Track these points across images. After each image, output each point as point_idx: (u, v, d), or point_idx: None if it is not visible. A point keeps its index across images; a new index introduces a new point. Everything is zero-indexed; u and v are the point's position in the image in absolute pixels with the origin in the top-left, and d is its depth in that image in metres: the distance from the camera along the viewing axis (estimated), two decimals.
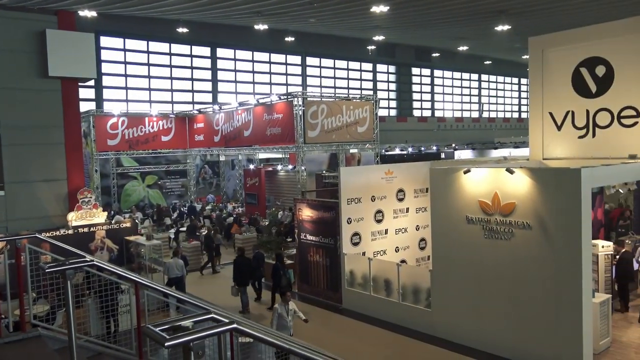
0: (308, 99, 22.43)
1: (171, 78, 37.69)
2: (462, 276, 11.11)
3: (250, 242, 19.79)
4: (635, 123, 12.24)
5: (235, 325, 2.81)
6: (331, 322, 13.35)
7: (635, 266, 12.63)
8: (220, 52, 39.78)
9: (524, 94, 63.55)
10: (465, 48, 42.94)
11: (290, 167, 25.80)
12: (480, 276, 10.79)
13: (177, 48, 37.66)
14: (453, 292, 11.35)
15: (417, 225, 15.81)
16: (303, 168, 22.31)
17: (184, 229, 21.77)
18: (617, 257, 12.80)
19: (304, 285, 15.57)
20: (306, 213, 15.31)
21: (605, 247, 12.64)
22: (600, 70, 12.76)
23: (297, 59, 43.97)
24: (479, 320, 10.82)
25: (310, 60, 44.78)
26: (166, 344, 2.52)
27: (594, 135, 12.99)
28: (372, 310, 13.25)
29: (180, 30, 32.99)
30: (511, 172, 10.06)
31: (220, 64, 39.89)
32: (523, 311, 10.07)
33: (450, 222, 11.29)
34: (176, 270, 14.08)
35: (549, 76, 13.78)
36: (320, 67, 45.67)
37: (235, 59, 40.63)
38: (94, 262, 4.92)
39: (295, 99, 21.76)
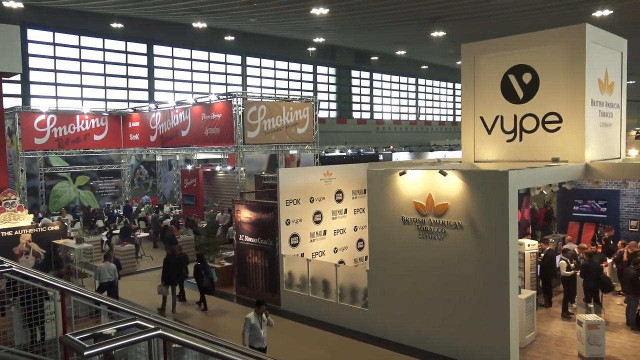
0: (248, 99, 22.24)
1: (104, 75, 36.30)
2: (398, 276, 11.36)
3: (186, 244, 19.40)
4: (558, 128, 12.96)
5: (160, 332, 2.72)
6: None
7: (557, 263, 13.33)
8: (157, 49, 38.72)
9: (458, 99, 65.85)
10: (403, 52, 43.97)
11: (229, 167, 25.48)
12: (415, 275, 11.07)
13: (111, 44, 36.30)
14: (389, 292, 11.57)
15: (355, 226, 16.03)
16: (242, 169, 22.09)
17: (118, 231, 21.01)
18: (542, 255, 13.50)
19: (242, 287, 15.41)
20: (245, 214, 15.16)
21: (530, 245, 13.30)
22: (527, 78, 13.41)
23: (237, 59, 43.50)
24: (414, 319, 11.10)
25: (250, 60, 44.41)
26: (85, 353, 2.40)
27: (521, 139, 13.63)
28: (310, 311, 13.30)
29: (115, 25, 31.81)
30: (444, 174, 10.39)
31: (157, 61, 38.81)
32: (455, 308, 10.42)
33: (386, 223, 11.51)
34: (108, 275, 13.57)
35: (480, 82, 14.34)
36: (260, 67, 45.39)
37: (172, 57, 39.67)
38: (13, 268, 4.64)
39: (235, 99, 21.52)
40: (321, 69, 50.52)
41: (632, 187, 16.09)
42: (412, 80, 60.49)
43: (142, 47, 37.96)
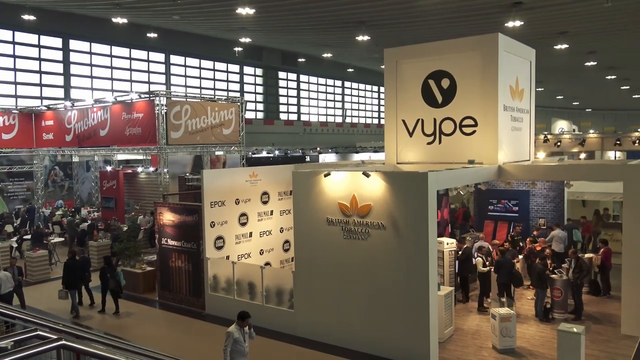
0: (171, 98, 21.65)
1: (15, 69, 33.96)
2: (323, 276, 11.47)
3: (106, 248, 18.59)
4: (474, 132, 13.60)
5: (62, 342, 2.57)
6: (193, 328, 12.99)
7: (473, 260, 13.98)
8: (74, 44, 36.70)
9: (383, 102, 67.43)
10: (329, 55, 44.37)
11: (151, 169, 24.62)
12: (340, 275, 11.22)
13: (22, 37, 34.02)
14: (315, 292, 11.66)
15: (282, 228, 16.03)
16: (165, 170, 21.46)
17: (29, 236, 19.72)
18: (460, 252, 14.12)
19: (165, 293, 14.96)
20: (168, 217, 14.73)
21: (449, 244, 13.86)
22: (445, 83, 13.98)
23: (160, 57, 42.13)
24: (339, 318, 11.24)
25: (174, 59, 43.17)
26: None
27: (440, 142, 14.18)
28: (236, 314, 13.11)
29: (27, 17, 29.81)
30: (367, 176, 10.62)
31: (73, 57, 36.79)
32: (379, 306, 10.67)
33: (311, 224, 11.60)
34: (9, 285, 12.84)
35: (402, 86, 14.77)
36: (185, 66, 44.25)
37: (90, 53, 37.78)
38: None
39: (158, 98, 20.86)
40: (248, 70, 50.04)
41: (540, 188, 17.22)
42: (338, 82, 61.30)
43: (57, 42, 35.85)
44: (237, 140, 24.26)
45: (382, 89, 66.21)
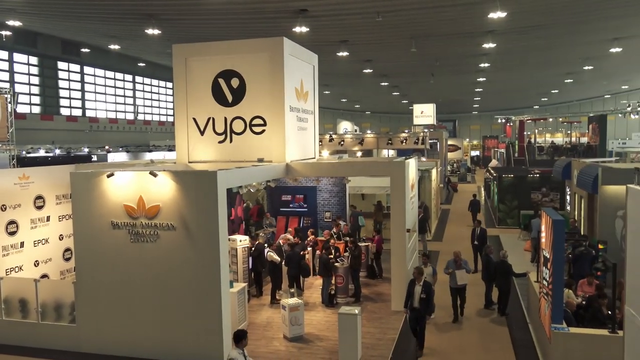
0: None
1: None
2: (109, 284, 10.75)
3: None
4: (263, 131, 14.06)
5: None
6: None
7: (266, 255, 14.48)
8: None
9: None
10: (117, 47, 41.41)
11: None
12: (127, 281, 10.65)
13: None
14: (100, 302, 10.86)
15: (61, 235, 14.59)
16: None
17: None
18: (253, 249, 14.50)
19: None
20: None
21: (242, 241, 14.15)
22: (235, 82, 14.16)
23: None
24: (128, 327, 10.66)
25: None
26: None
27: (231, 140, 14.33)
28: (6, 337, 11.58)
29: None
30: (154, 175, 10.26)
31: None
32: (171, 310, 10.40)
33: (94, 229, 10.78)
34: None
35: (193, 83, 14.52)
36: None
37: None
38: None
39: None
40: (20, 57, 44.00)
41: (325, 183, 18.64)
42: (129, 77, 57.71)
43: None
44: (6, 137, 21.24)
45: None
